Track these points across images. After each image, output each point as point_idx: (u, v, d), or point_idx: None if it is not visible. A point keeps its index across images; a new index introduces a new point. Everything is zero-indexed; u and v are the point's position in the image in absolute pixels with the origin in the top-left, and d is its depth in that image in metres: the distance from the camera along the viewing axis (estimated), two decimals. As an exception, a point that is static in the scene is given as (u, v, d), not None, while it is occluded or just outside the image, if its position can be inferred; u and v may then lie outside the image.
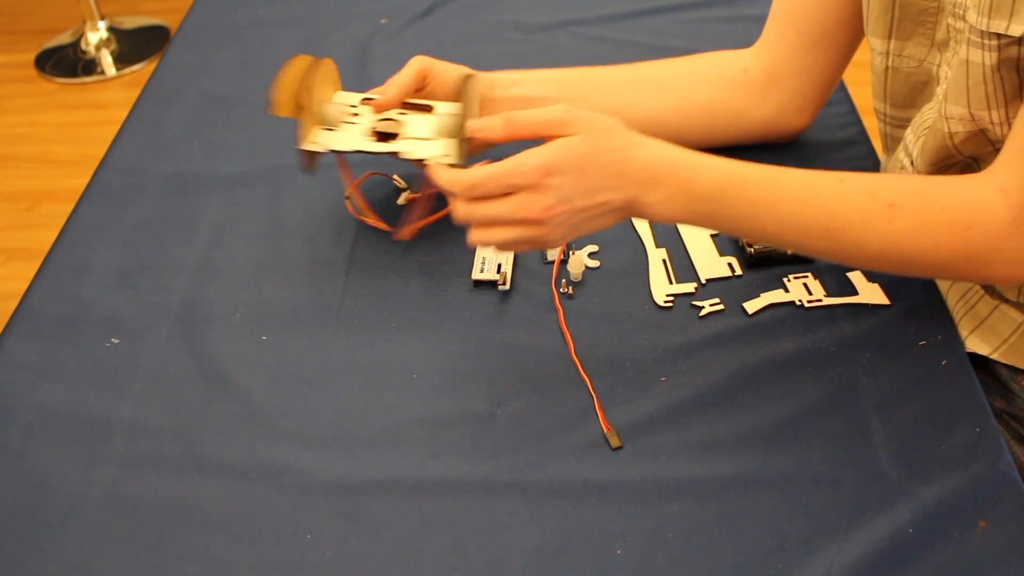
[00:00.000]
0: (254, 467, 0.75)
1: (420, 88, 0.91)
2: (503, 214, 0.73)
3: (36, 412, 0.80)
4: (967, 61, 0.74)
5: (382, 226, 0.92)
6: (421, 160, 0.84)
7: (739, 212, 0.75)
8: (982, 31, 0.72)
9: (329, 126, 0.89)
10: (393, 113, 0.90)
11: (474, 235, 0.75)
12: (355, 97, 0.92)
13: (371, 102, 0.90)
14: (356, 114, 0.90)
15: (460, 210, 0.75)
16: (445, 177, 0.75)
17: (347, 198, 0.95)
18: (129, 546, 0.70)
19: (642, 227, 0.93)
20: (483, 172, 0.73)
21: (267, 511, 0.72)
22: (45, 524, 0.72)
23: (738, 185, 0.75)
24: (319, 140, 0.88)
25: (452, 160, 0.84)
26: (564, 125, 0.73)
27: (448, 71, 0.92)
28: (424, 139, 0.87)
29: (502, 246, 0.76)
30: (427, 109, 0.91)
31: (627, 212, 0.75)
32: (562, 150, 0.72)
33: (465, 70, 0.93)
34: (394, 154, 0.86)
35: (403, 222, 0.91)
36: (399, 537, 0.70)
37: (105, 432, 0.78)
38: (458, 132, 0.84)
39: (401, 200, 0.96)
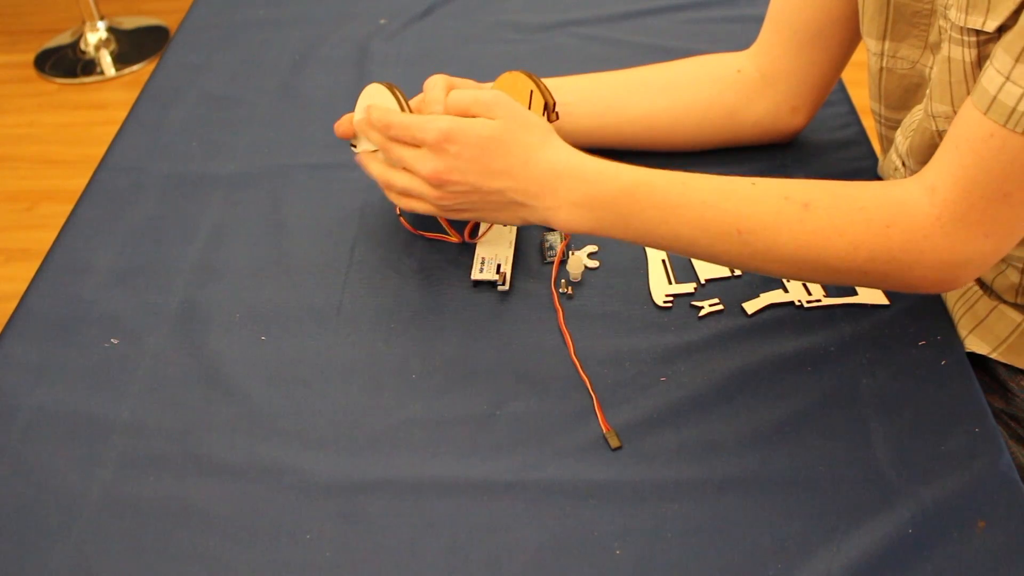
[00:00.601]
0: (254, 467, 0.75)
1: None
2: (402, 159, 0.80)
3: (36, 412, 0.80)
4: (949, 58, 0.74)
5: (453, 234, 0.92)
6: None
7: (649, 217, 0.75)
8: (961, 27, 0.72)
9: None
10: None
11: (377, 168, 0.84)
12: None
13: None
14: None
15: (378, 143, 0.82)
16: (374, 116, 0.82)
17: (400, 214, 0.95)
18: (129, 546, 0.70)
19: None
20: (399, 117, 0.80)
21: (267, 511, 0.72)
22: (45, 524, 0.72)
23: (648, 189, 0.75)
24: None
25: None
26: (488, 108, 0.77)
27: (468, 87, 0.94)
28: None
29: (401, 191, 0.82)
30: None
31: (529, 212, 0.78)
32: (470, 125, 0.77)
33: (479, 87, 0.94)
34: None
35: (469, 229, 0.92)
36: (399, 537, 0.70)
37: (105, 432, 0.78)
38: None
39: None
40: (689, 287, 0.86)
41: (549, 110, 0.86)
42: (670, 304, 0.85)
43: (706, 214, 0.74)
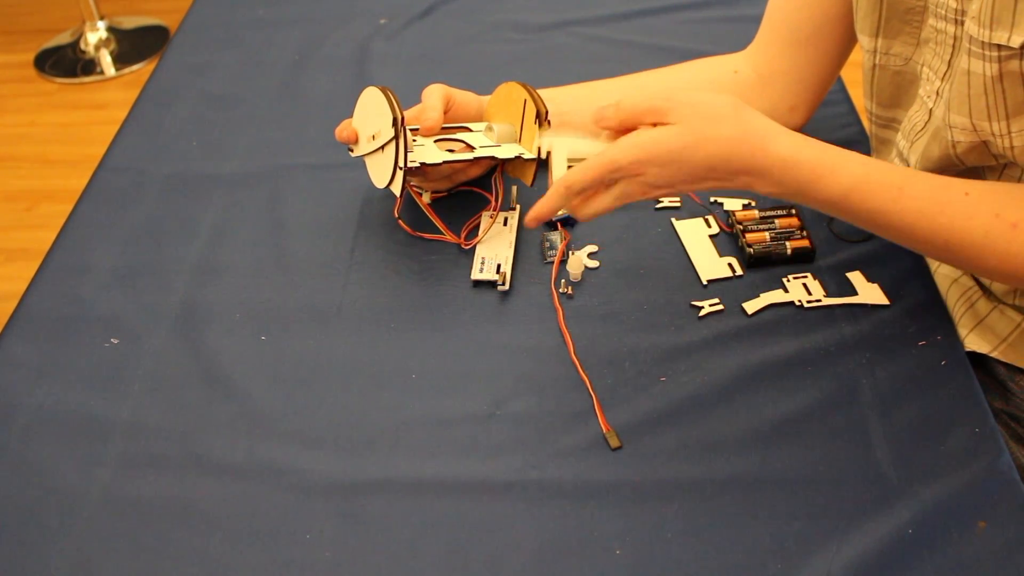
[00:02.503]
0: (254, 467, 0.75)
1: (445, 111, 0.92)
2: (609, 205, 0.76)
3: (36, 412, 0.80)
4: (968, 72, 0.74)
5: (454, 238, 0.92)
6: (506, 160, 0.91)
7: (859, 218, 0.75)
8: (983, 42, 0.71)
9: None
10: (446, 134, 0.92)
11: (581, 213, 0.78)
12: None
13: (420, 128, 0.90)
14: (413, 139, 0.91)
15: (571, 209, 0.77)
16: (560, 189, 0.76)
17: (399, 217, 0.95)
18: (129, 546, 0.70)
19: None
20: (580, 174, 0.74)
21: (267, 511, 0.72)
22: (45, 524, 0.72)
23: (862, 195, 0.74)
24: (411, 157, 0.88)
25: (531, 156, 0.88)
26: (661, 114, 0.73)
27: (467, 98, 0.94)
28: (493, 145, 0.91)
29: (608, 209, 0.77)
30: (464, 130, 0.93)
31: (738, 185, 0.75)
32: (654, 144, 0.73)
33: (477, 97, 0.96)
34: (481, 158, 0.90)
35: (467, 231, 0.92)
36: (398, 537, 0.70)
37: (105, 432, 0.78)
38: (515, 136, 0.91)
39: (426, 199, 0.95)
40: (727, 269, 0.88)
41: (541, 118, 0.86)
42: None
43: (917, 224, 0.74)
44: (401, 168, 0.86)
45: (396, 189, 0.87)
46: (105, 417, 0.79)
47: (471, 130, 0.93)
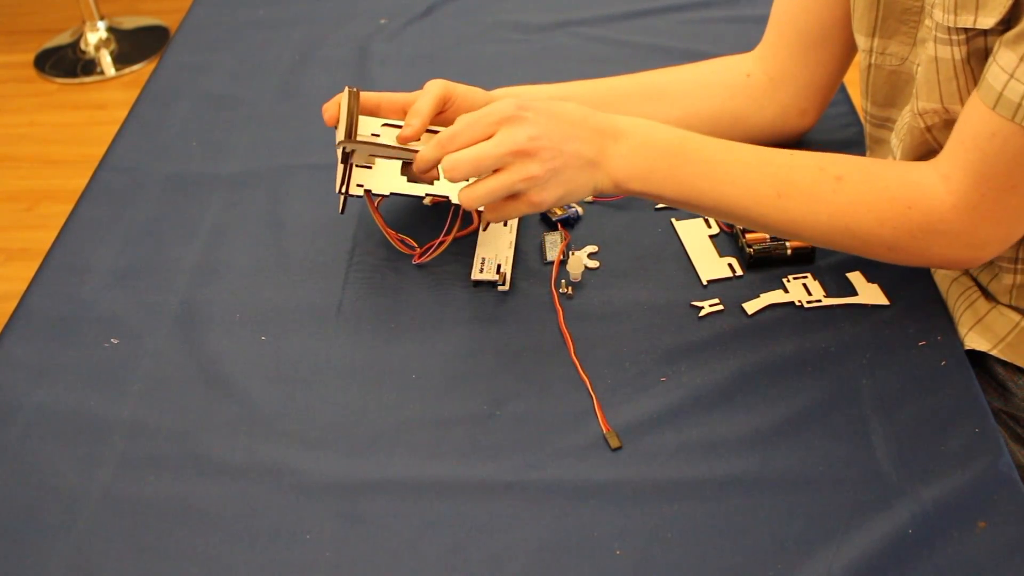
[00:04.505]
0: (254, 467, 0.75)
1: (441, 112, 0.91)
2: (488, 151, 0.75)
3: (36, 412, 0.80)
4: (936, 58, 0.76)
5: (404, 249, 0.91)
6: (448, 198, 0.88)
7: (695, 171, 0.78)
8: (949, 27, 0.73)
9: (364, 163, 0.88)
10: (420, 144, 0.89)
11: (464, 193, 0.77)
12: (376, 123, 0.91)
13: (398, 135, 0.88)
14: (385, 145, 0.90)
15: (444, 163, 0.76)
16: (426, 151, 0.79)
17: (385, 224, 0.94)
18: (129, 546, 0.70)
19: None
20: (460, 119, 0.77)
21: (267, 511, 0.72)
22: (45, 524, 0.72)
23: (696, 144, 0.79)
24: (358, 180, 0.87)
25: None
26: (513, 120, 0.76)
27: (469, 95, 0.92)
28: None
29: (492, 193, 0.76)
30: None
31: (598, 172, 0.78)
32: (538, 100, 0.78)
33: (484, 93, 0.93)
34: (434, 195, 0.88)
35: (425, 249, 0.91)
36: (399, 537, 0.70)
37: (105, 432, 0.78)
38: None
39: (427, 201, 0.95)
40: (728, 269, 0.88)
41: None
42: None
43: (748, 174, 0.78)
44: (342, 194, 0.87)
45: (339, 206, 0.89)
46: (105, 417, 0.79)
47: None
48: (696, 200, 0.79)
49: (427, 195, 0.91)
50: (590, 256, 0.90)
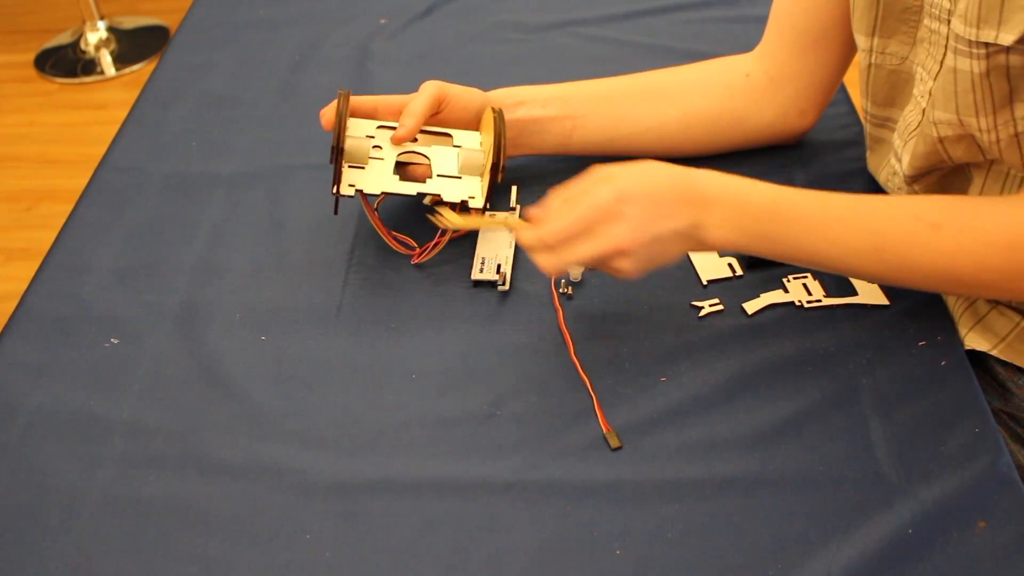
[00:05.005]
0: (254, 467, 0.75)
1: (436, 113, 0.91)
2: (587, 254, 0.74)
3: (36, 412, 0.80)
4: (955, 69, 0.74)
5: (401, 249, 0.91)
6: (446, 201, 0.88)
7: (791, 232, 0.76)
8: (970, 40, 0.72)
9: (356, 163, 0.88)
10: (415, 145, 0.90)
11: (548, 265, 0.76)
12: (371, 125, 0.91)
13: (392, 135, 0.89)
14: (379, 147, 0.90)
15: (544, 261, 0.75)
16: (525, 237, 0.76)
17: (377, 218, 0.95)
18: (129, 546, 0.70)
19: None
20: (560, 223, 0.74)
21: (267, 511, 0.72)
22: (45, 524, 0.72)
23: (789, 205, 0.77)
24: (350, 181, 0.88)
25: (479, 203, 0.88)
26: (602, 180, 0.75)
27: (464, 96, 0.92)
28: (450, 176, 0.89)
29: (579, 267, 0.78)
30: (446, 136, 0.92)
31: (690, 240, 0.76)
32: (630, 176, 0.75)
33: (479, 93, 0.94)
34: (427, 194, 0.89)
35: (424, 250, 0.91)
36: (398, 537, 0.70)
37: (105, 432, 0.78)
38: (482, 169, 0.89)
39: (427, 200, 0.95)
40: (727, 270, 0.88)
41: (496, 170, 0.86)
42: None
43: (845, 231, 0.76)
44: (334, 195, 0.87)
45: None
46: (105, 417, 0.79)
47: (451, 139, 0.92)
48: (794, 258, 0.79)
49: (427, 195, 0.91)
50: (590, 256, 0.90)
